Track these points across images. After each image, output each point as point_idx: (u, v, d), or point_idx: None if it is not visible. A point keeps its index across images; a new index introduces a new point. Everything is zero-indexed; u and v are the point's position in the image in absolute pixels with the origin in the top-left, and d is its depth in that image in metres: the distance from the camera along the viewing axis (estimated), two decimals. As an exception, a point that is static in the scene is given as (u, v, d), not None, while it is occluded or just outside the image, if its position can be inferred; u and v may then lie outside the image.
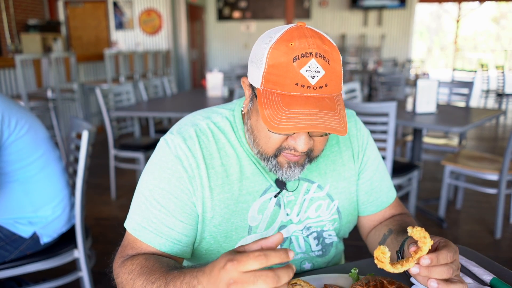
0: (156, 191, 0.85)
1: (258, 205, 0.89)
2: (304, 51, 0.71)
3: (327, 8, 9.68)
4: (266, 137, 0.79)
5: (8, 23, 7.23)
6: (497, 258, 2.53)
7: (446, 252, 0.70)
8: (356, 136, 0.99)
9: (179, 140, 0.86)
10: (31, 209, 1.55)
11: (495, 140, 5.97)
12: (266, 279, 0.56)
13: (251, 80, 0.79)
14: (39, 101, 4.45)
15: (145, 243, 0.84)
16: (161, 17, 8.00)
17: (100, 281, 2.25)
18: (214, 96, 3.90)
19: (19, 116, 1.53)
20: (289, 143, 0.78)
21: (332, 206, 0.96)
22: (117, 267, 0.83)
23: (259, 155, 0.83)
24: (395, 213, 1.03)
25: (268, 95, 0.73)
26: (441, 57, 22.74)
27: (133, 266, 0.79)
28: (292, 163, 0.81)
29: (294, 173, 0.82)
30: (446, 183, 2.88)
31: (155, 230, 0.84)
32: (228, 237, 0.88)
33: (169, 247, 0.84)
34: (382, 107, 2.43)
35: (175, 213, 0.84)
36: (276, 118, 0.70)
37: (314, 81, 0.71)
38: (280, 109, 0.70)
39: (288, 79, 0.71)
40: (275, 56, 0.72)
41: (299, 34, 0.73)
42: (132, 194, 0.92)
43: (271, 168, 0.83)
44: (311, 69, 0.70)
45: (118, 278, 0.80)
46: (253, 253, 0.58)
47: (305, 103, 0.70)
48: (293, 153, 0.79)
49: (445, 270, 0.69)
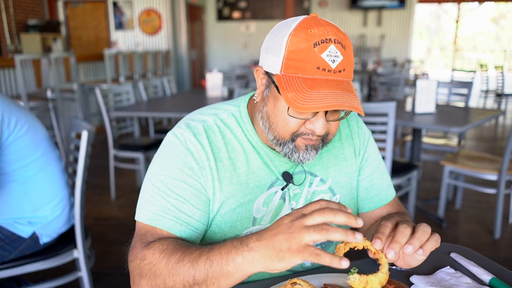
0: (169, 181, 0.85)
1: (264, 198, 0.90)
2: (324, 37, 0.74)
3: (327, 8, 9.68)
4: (284, 121, 0.80)
5: (8, 23, 7.23)
6: (496, 258, 2.53)
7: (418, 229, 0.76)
8: (358, 134, 1.01)
9: (188, 133, 0.87)
10: (30, 209, 1.55)
11: (494, 140, 5.97)
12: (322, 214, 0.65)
13: (267, 68, 0.81)
14: (38, 101, 4.45)
15: (165, 230, 0.83)
16: (160, 17, 7.99)
17: (99, 281, 2.25)
18: (213, 96, 3.90)
19: (18, 116, 1.53)
20: (307, 127, 0.80)
21: (334, 200, 0.96)
22: (141, 250, 0.79)
23: (275, 140, 0.84)
24: (392, 211, 1.04)
25: (290, 80, 0.75)
26: (441, 57, 22.74)
27: (164, 246, 0.77)
28: (309, 146, 0.83)
29: (310, 156, 0.84)
30: (446, 183, 2.88)
31: (174, 218, 0.83)
32: (232, 227, 0.89)
33: (188, 234, 0.84)
34: (382, 107, 2.43)
35: (192, 201, 0.84)
36: (301, 99, 0.72)
37: (334, 65, 0.74)
38: (304, 90, 0.73)
39: (309, 63, 0.74)
40: (295, 42, 0.75)
41: (316, 23, 0.77)
42: (132, 194, 0.92)
43: (286, 152, 0.84)
44: (331, 53, 0.74)
45: (145, 259, 0.77)
46: (316, 200, 0.68)
47: (327, 85, 0.74)
48: (310, 137, 0.81)
49: (403, 228, 0.75)
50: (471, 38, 23.25)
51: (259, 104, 0.87)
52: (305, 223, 0.64)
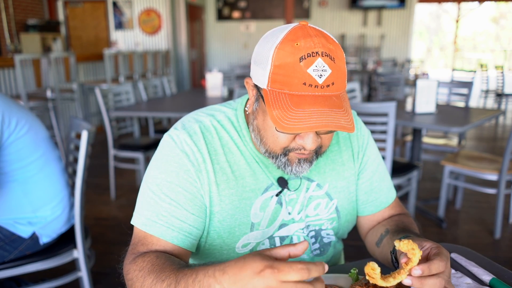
0: (164, 185, 0.84)
1: (260, 203, 0.89)
2: (310, 51, 0.71)
3: (327, 8, 9.68)
4: (273, 136, 0.79)
5: (7, 23, 7.22)
6: (496, 258, 2.53)
7: (438, 261, 0.69)
8: (356, 136, 0.99)
9: (184, 135, 0.86)
10: (30, 209, 1.55)
11: (494, 140, 5.97)
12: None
13: (255, 81, 0.79)
14: (38, 101, 4.44)
15: (156, 237, 0.83)
16: (160, 17, 7.99)
17: (99, 281, 2.25)
18: (213, 96, 3.90)
19: (19, 116, 1.53)
20: (297, 142, 0.78)
21: (331, 205, 0.96)
22: (127, 264, 0.81)
23: (267, 153, 0.83)
24: (394, 213, 1.03)
25: (276, 95, 0.73)
26: (441, 57, 22.74)
27: (144, 263, 0.77)
28: (302, 159, 0.82)
29: (303, 169, 0.83)
30: (446, 183, 2.88)
31: (166, 224, 0.83)
32: (231, 233, 0.88)
33: (181, 240, 0.83)
34: (382, 107, 2.43)
35: (186, 206, 0.84)
36: (286, 118, 0.70)
37: (321, 80, 0.71)
38: (289, 109, 0.71)
39: (295, 79, 0.71)
40: (281, 56, 0.72)
41: (303, 34, 0.73)
42: (132, 194, 0.92)
43: (280, 166, 0.83)
44: (318, 68, 0.71)
45: (128, 275, 0.78)
46: (296, 265, 0.57)
47: (313, 102, 0.71)
48: (302, 152, 0.79)
49: (438, 281, 0.68)
50: (471, 38, 23.26)
51: (250, 115, 0.86)
52: None
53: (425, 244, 0.75)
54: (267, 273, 0.57)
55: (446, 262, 0.70)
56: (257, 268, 0.58)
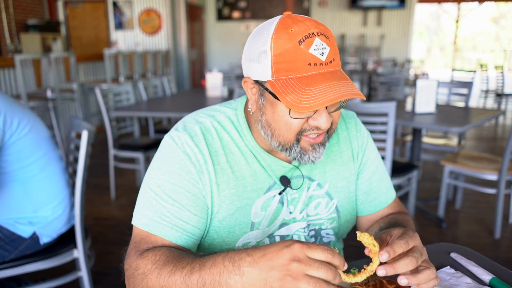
0: (166, 186, 0.84)
1: (262, 202, 0.89)
2: (307, 33, 0.74)
3: (327, 8, 9.68)
4: (287, 124, 0.79)
5: (7, 23, 7.22)
6: (496, 258, 2.53)
7: (399, 240, 0.70)
8: (356, 137, 1.00)
9: (185, 136, 0.86)
10: (31, 209, 1.55)
11: (494, 140, 5.97)
12: (327, 271, 0.62)
13: (255, 77, 0.80)
14: (38, 101, 4.45)
15: (160, 237, 0.82)
16: (160, 17, 7.99)
17: (99, 281, 2.25)
18: (213, 96, 3.90)
19: (21, 116, 1.53)
20: (310, 124, 0.79)
21: (331, 205, 0.96)
22: (135, 259, 0.79)
23: (280, 147, 0.83)
24: (393, 213, 1.03)
25: (284, 83, 0.74)
26: (441, 57, 22.74)
27: (156, 257, 0.77)
28: (316, 145, 0.82)
29: (320, 153, 0.83)
30: (446, 183, 2.88)
31: (169, 224, 0.82)
32: (231, 232, 0.88)
33: (184, 240, 0.83)
34: (382, 107, 2.43)
35: (188, 207, 0.84)
36: (301, 99, 0.72)
37: (324, 57, 0.74)
38: (302, 90, 0.72)
39: (299, 62, 0.73)
40: (279, 45, 0.74)
41: (293, 21, 0.76)
42: (132, 194, 0.92)
43: (295, 156, 0.83)
44: (318, 47, 0.74)
45: (138, 269, 0.77)
46: (323, 246, 0.63)
47: (323, 78, 0.73)
48: (315, 132, 0.80)
49: (409, 261, 0.68)
50: (471, 38, 23.26)
51: (256, 114, 0.86)
52: (307, 272, 0.62)
53: (393, 232, 0.75)
54: (296, 246, 0.63)
55: (408, 239, 0.71)
56: (287, 243, 0.64)
